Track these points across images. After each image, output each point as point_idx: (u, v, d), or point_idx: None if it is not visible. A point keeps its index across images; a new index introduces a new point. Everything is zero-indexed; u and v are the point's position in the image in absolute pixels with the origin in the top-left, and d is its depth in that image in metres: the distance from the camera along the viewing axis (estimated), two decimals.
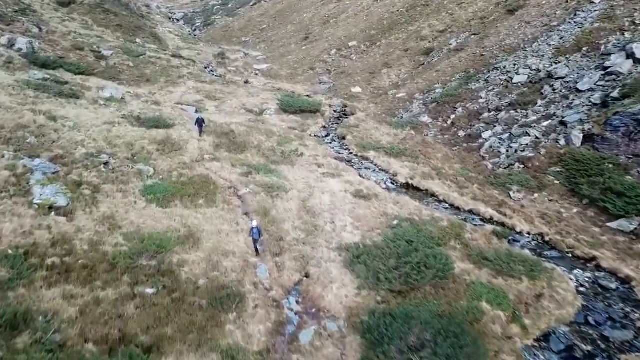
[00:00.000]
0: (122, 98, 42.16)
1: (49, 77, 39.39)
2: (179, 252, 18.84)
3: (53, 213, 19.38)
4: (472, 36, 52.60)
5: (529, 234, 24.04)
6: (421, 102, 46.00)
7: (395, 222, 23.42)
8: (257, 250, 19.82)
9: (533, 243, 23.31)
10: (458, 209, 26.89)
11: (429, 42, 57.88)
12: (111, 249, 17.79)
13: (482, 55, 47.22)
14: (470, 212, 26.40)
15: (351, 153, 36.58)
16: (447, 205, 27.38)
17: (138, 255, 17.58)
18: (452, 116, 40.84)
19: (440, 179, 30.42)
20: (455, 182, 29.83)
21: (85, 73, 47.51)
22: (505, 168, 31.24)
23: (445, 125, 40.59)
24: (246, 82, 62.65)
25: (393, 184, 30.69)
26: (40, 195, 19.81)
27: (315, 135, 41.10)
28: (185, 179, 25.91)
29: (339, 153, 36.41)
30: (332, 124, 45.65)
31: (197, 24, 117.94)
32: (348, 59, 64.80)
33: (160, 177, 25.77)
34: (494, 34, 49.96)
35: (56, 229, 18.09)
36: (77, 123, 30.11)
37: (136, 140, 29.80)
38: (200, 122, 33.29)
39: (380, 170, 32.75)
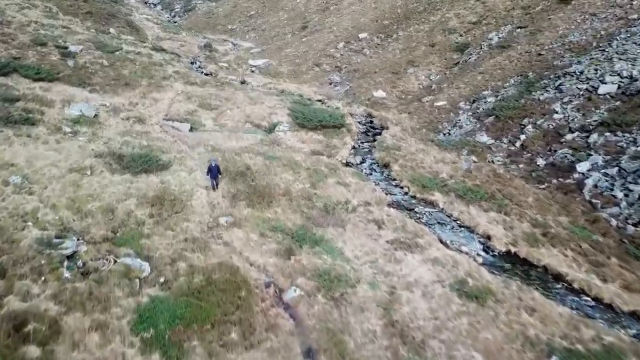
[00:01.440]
0: (95, 116, 31.67)
1: None
2: None
3: None
4: (518, 30, 43.09)
5: None
6: (470, 114, 36.50)
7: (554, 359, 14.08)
8: None
9: None
10: (611, 307, 17.61)
11: (460, 35, 48.19)
12: None
13: (540, 54, 37.81)
14: (635, 316, 17.15)
15: (407, 193, 26.95)
16: (590, 301, 18.04)
17: None
18: (522, 136, 31.45)
19: (553, 244, 21.10)
20: (580, 252, 20.56)
21: (47, 78, 36.71)
22: (635, 225, 22.08)
23: (514, 148, 31.22)
24: (243, 82, 52.11)
25: (487, 251, 21.27)
26: None
27: (348, 164, 31.28)
28: (201, 280, 15.90)
29: (391, 193, 26.75)
30: (362, 142, 35.83)
31: (177, 9, 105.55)
32: (360, 54, 54.69)
33: (161, 279, 15.69)
34: (548, 27, 40.54)
35: None
36: (29, 175, 19.76)
37: (118, 201, 19.63)
38: (215, 171, 22.85)
39: (460, 226, 23.26)
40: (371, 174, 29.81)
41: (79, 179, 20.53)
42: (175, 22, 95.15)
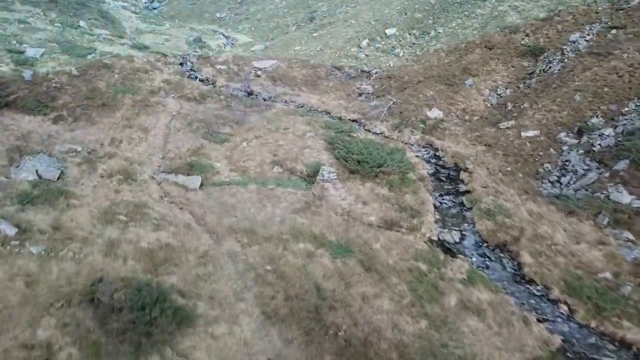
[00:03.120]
0: (60, 175, 20.19)
1: None
2: None
3: None
4: (613, 31, 32.42)
5: None
6: (581, 152, 25.90)
7: None
8: None
9: None
10: None
11: (527, 35, 37.26)
12: None
13: None
14: None
15: (570, 317, 16.32)
16: None
17: None
18: None
19: None
20: None
21: None
22: None
23: None
24: (250, 93, 40.30)
25: None
26: None
27: (444, 244, 20.43)
28: None
29: (544, 317, 16.13)
30: (441, 194, 24.98)
31: None
32: (392, 55, 43.32)
33: None
34: None
35: None
36: None
37: None
38: None
39: None
40: (487, 268, 19.05)
41: None
42: (154, 9, 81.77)
